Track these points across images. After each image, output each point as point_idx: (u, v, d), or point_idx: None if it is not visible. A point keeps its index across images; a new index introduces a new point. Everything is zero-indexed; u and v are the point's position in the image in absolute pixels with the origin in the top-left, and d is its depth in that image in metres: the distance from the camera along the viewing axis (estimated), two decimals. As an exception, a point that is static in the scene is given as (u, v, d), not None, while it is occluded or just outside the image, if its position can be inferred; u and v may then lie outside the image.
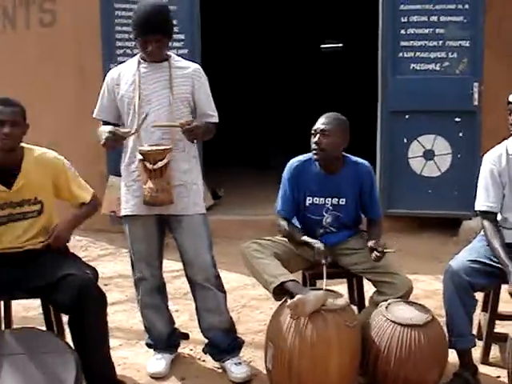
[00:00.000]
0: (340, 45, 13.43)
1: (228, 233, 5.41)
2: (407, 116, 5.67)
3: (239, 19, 11.19)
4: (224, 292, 3.20)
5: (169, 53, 3.09)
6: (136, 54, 3.19)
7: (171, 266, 4.16)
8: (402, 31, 5.62)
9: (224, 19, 10.54)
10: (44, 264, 2.85)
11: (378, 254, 2.99)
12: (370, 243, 3.07)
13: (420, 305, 3.00)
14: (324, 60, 13.13)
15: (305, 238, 3.15)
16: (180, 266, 4.27)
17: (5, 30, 6.87)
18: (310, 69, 12.57)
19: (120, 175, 5.35)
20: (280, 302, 2.95)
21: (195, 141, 3.04)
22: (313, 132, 3.16)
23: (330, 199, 3.22)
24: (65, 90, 6.33)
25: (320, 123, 3.15)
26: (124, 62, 3.38)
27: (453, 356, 3.03)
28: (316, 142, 3.12)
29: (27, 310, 4.11)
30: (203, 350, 3.30)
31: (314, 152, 3.14)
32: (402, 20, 5.61)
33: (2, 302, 3.02)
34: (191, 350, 3.48)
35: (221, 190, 6.59)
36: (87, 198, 3.08)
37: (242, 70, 11.44)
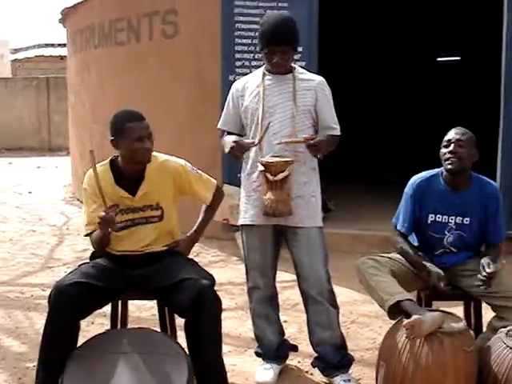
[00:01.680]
0: (457, 58, 13.06)
1: (338, 247, 5.36)
2: (531, 134, 5.42)
3: (355, 33, 11.14)
4: (337, 307, 3.17)
5: (293, 65, 3.11)
6: (254, 67, 3.24)
7: (280, 277, 4.16)
8: (529, 45, 5.39)
9: (341, 32, 10.52)
10: (163, 267, 2.94)
11: (488, 272, 2.90)
12: (484, 260, 2.97)
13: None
14: (440, 74, 12.80)
15: (424, 262, 3.06)
16: (290, 276, 4.30)
17: (129, 41, 7.22)
18: (426, 82, 12.31)
19: (234, 184, 5.48)
20: (395, 321, 2.89)
21: (318, 155, 3.03)
22: (445, 143, 3.08)
23: (453, 218, 3.12)
24: (183, 100, 6.56)
25: (454, 133, 3.08)
26: (242, 74, 3.43)
27: None
28: (452, 151, 3.03)
29: (140, 311, 4.26)
30: (312, 364, 3.29)
31: (449, 162, 3.05)
32: (529, 34, 5.38)
33: (120, 302, 3.12)
34: (299, 362, 3.48)
35: (331, 202, 6.56)
36: (209, 198, 3.15)
37: (356, 82, 11.37)
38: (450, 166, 3.06)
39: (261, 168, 2.95)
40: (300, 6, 5.61)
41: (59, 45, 22.59)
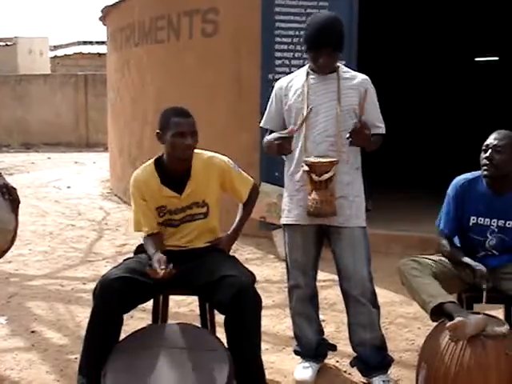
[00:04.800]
0: (495, 58, 12.90)
1: (375, 247, 5.26)
2: None
3: (394, 33, 11.06)
4: (378, 308, 3.16)
5: (337, 64, 3.10)
6: (294, 66, 3.24)
7: (318, 276, 4.18)
8: None
9: (380, 32, 10.45)
10: (205, 263, 2.96)
11: None
12: None
13: None
14: (478, 74, 12.67)
15: (466, 259, 3.04)
16: (327, 276, 4.32)
17: (169, 39, 7.29)
18: (464, 82, 12.18)
19: (271, 182, 5.50)
20: (434, 323, 2.88)
21: (359, 147, 3.03)
22: (484, 147, 3.04)
23: (495, 221, 3.08)
24: (222, 97, 6.59)
25: (492, 138, 3.02)
26: (282, 73, 3.41)
27: None
28: (487, 158, 2.99)
29: (179, 306, 4.31)
30: (351, 363, 3.28)
31: (485, 168, 3.01)
32: None
33: (161, 297, 3.16)
34: (337, 361, 3.48)
35: (369, 202, 6.51)
36: (245, 196, 3.18)
37: (395, 83, 11.28)
38: (485, 173, 3.03)
39: (305, 168, 2.96)
40: (340, 6, 5.60)
41: (97, 42, 22.93)
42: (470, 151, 3.37)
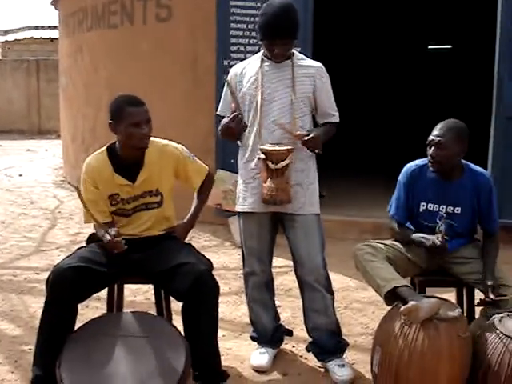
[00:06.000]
0: (448, 46, 13.12)
1: (330, 233, 5.30)
2: (524, 122, 5.45)
3: (347, 22, 11.11)
4: (332, 294, 3.19)
5: (292, 50, 3.08)
6: (249, 52, 3.21)
7: (274, 262, 4.17)
8: (522, 34, 5.40)
9: (333, 21, 10.48)
10: (161, 251, 2.95)
11: (490, 299, 2.89)
12: (489, 282, 2.93)
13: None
14: (431, 62, 12.86)
15: (416, 234, 3.09)
16: (283, 262, 4.35)
17: (123, 25, 7.17)
18: (417, 70, 12.35)
19: (227, 169, 5.48)
20: (388, 307, 2.92)
21: (316, 150, 3.03)
22: (427, 143, 3.08)
23: (444, 207, 3.13)
24: (177, 83, 6.52)
25: (434, 135, 3.04)
26: (237, 58, 3.37)
27: None
28: (431, 155, 3.04)
29: (134, 295, 4.28)
30: (307, 349, 3.31)
31: (430, 164, 3.07)
32: (523, 23, 5.39)
33: (116, 286, 3.13)
34: (293, 346, 3.51)
35: (323, 188, 6.55)
36: (198, 183, 3.15)
37: (348, 71, 11.36)
38: (431, 169, 3.09)
39: (261, 156, 2.94)
40: (296, -7, 5.59)
41: (49, 27, 22.39)
42: (423, 138, 3.41)
